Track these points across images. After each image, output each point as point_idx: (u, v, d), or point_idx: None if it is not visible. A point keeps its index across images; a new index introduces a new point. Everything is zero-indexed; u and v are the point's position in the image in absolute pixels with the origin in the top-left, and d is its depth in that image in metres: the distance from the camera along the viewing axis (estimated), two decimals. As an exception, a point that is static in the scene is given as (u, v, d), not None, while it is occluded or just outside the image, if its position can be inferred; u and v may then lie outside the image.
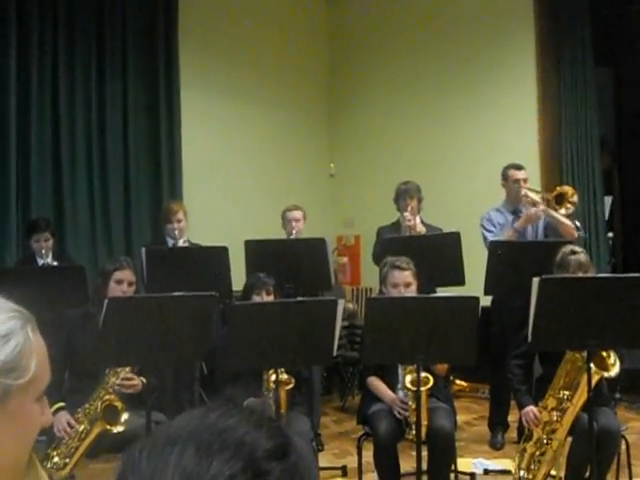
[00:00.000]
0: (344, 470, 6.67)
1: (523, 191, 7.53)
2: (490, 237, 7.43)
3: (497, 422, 7.54)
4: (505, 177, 7.72)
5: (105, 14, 9.35)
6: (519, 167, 7.71)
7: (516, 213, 7.59)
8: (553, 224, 7.41)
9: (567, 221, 7.33)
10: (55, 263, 7.59)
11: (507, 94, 10.15)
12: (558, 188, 7.65)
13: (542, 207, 7.34)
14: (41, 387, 1.61)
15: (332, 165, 11.95)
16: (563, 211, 7.33)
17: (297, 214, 7.99)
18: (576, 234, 7.34)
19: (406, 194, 7.79)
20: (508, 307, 7.12)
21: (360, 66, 11.72)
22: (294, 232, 7.80)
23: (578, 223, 7.53)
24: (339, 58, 12.05)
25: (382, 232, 7.82)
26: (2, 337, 1.52)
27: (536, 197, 7.51)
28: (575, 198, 7.41)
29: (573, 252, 5.48)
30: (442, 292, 6.84)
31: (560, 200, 7.38)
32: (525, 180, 7.63)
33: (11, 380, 1.52)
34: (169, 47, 9.88)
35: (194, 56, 10.23)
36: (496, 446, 7.36)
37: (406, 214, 7.65)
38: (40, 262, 7.65)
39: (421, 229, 7.60)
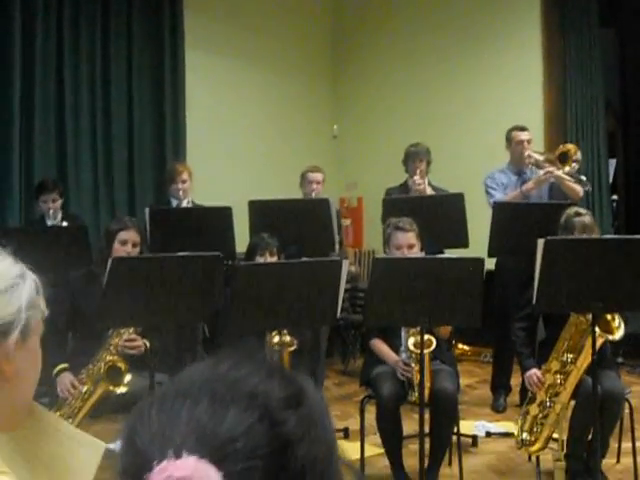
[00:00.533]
0: (346, 432, 6.68)
1: (526, 152, 7.51)
2: (493, 196, 7.44)
3: (499, 385, 7.54)
4: (509, 139, 7.71)
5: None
6: (522, 128, 7.70)
7: (520, 174, 7.57)
8: (557, 185, 7.39)
9: (572, 181, 7.32)
10: (65, 224, 7.58)
11: (512, 56, 10.09)
12: (561, 147, 7.66)
13: (551, 169, 7.32)
14: (41, 331, 1.65)
15: (335, 126, 11.90)
16: (567, 169, 7.32)
17: (318, 176, 7.99)
18: (581, 193, 7.34)
19: (415, 156, 7.76)
20: (510, 269, 7.12)
21: (364, 27, 11.64)
22: (314, 194, 7.78)
23: (584, 177, 7.51)
24: (343, 19, 11.97)
25: (391, 193, 7.79)
26: (20, 276, 1.57)
27: (540, 158, 7.49)
28: (579, 155, 7.41)
29: (578, 214, 5.46)
30: (445, 254, 6.85)
31: (564, 159, 7.37)
32: (529, 141, 7.62)
33: (36, 315, 1.59)
34: (174, 9, 9.83)
35: (198, 18, 10.15)
36: (498, 409, 7.38)
37: (416, 177, 7.62)
38: (49, 223, 7.63)
39: (430, 193, 7.58)
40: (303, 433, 1.03)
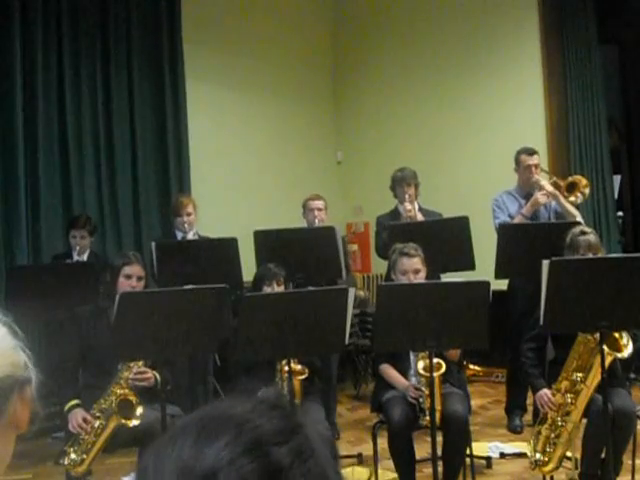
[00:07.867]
0: (360, 458, 6.68)
1: (535, 177, 7.49)
2: (498, 219, 7.43)
3: (515, 406, 7.49)
4: (517, 162, 7.66)
5: (109, 8, 9.32)
6: (531, 152, 7.65)
7: (528, 198, 7.53)
8: (561, 211, 7.40)
9: (574, 211, 7.32)
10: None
11: (513, 75, 10.11)
12: (570, 178, 7.67)
13: (549, 189, 7.33)
14: None
15: (339, 153, 11.94)
16: (572, 199, 7.35)
17: (319, 203, 7.98)
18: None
19: (403, 181, 7.76)
20: (523, 291, 7.11)
21: (365, 52, 11.69)
22: (317, 221, 7.79)
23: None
24: (344, 44, 12.02)
25: (381, 221, 7.80)
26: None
27: (548, 186, 7.48)
28: (587, 190, 7.43)
29: (582, 233, 5.48)
30: (452, 277, 6.85)
31: (572, 188, 7.39)
32: (537, 166, 7.58)
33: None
34: (173, 38, 9.85)
35: (198, 47, 10.20)
36: (516, 430, 7.31)
37: (406, 204, 7.61)
38: (75, 258, 7.74)
39: (420, 218, 7.58)
40: (293, 464, 1.04)
